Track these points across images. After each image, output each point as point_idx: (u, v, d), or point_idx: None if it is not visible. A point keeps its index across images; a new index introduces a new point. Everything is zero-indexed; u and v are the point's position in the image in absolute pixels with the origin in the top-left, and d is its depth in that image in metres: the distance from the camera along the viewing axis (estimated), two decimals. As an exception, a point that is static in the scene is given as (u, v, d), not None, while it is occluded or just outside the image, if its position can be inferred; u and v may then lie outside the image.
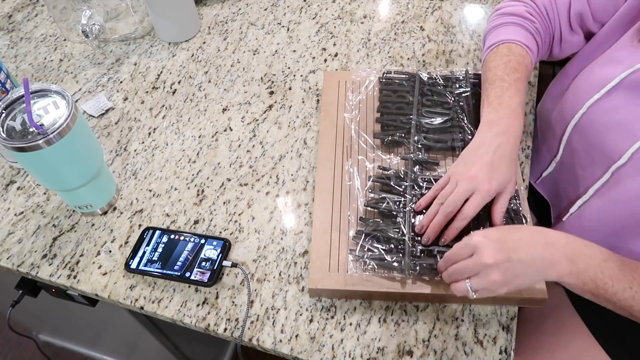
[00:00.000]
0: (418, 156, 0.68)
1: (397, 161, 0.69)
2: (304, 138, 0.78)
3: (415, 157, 0.67)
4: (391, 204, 0.63)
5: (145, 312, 0.62)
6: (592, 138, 0.64)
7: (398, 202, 0.63)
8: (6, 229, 0.70)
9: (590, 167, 0.65)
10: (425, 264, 0.58)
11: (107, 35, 0.93)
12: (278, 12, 0.99)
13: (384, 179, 0.66)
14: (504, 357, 0.57)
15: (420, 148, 0.69)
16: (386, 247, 0.60)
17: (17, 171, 0.76)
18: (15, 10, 1.03)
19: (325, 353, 0.58)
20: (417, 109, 0.72)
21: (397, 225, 0.61)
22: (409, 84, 0.76)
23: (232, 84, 0.86)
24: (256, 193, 0.72)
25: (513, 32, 0.69)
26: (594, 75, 0.65)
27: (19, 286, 0.74)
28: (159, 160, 0.77)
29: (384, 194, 0.65)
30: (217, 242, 0.65)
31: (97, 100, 0.84)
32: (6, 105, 0.58)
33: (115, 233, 0.69)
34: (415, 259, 0.58)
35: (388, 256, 0.59)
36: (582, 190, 0.67)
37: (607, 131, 0.61)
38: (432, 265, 0.58)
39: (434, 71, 0.77)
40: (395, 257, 0.59)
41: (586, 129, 0.65)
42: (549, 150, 0.75)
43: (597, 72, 0.64)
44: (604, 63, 0.65)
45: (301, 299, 0.62)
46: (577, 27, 0.70)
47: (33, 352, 1.44)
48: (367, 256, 0.59)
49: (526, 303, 0.60)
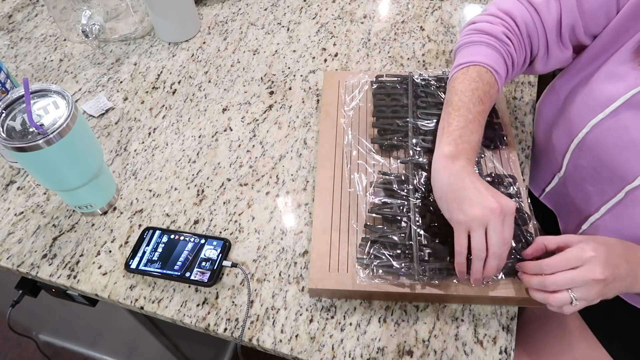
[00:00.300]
0: (418, 159, 0.67)
1: (397, 165, 0.69)
2: (304, 138, 0.78)
3: (415, 160, 0.67)
4: (395, 209, 0.63)
5: (145, 312, 0.62)
6: (601, 157, 0.63)
7: (401, 206, 0.63)
8: (6, 229, 0.70)
9: (600, 184, 0.64)
10: (434, 268, 0.58)
11: (107, 35, 0.93)
12: (278, 12, 0.99)
13: (386, 184, 0.66)
14: (504, 357, 0.57)
15: (419, 151, 0.68)
16: (393, 253, 0.59)
17: (17, 171, 0.76)
18: (15, 10, 1.03)
19: (325, 353, 0.57)
20: (413, 111, 0.72)
21: (402, 230, 0.61)
22: (402, 87, 0.75)
23: (232, 84, 0.86)
24: (256, 193, 0.72)
25: (486, 54, 0.65)
26: (595, 93, 0.63)
27: (19, 286, 0.74)
28: (159, 160, 0.77)
29: (386, 199, 0.64)
30: (217, 242, 0.65)
31: (97, 100, 0.84)
32: (6, 105, 0.58)
33: (115, 233, 0.69)
34: (424, 263, 0.58)
35: (396, 262, 0.58)
36: (593, 207, 0.66)
37: (617, 150, 0.61)
38: (441, 269, 0.58)
39: (425, 72, 0.77)
40: (403, 262, 0.58)
41: (593, 147, 0.64)
42: (549, 165, 0.74)
43: (597, 90, 0.63)
44: (603, 79, 0.63)
45: (301, 299, 0.62)
46: (568, 42, 0.66)
47: (33, 352, 1.44)
48: (374, 264, 0.59)
49: (526, 303, 0.60)
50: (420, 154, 0.68)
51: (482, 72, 0.64)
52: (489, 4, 0.70)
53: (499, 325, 0.59)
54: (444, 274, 0.58)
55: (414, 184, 0.65)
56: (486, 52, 0.65)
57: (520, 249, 0.59)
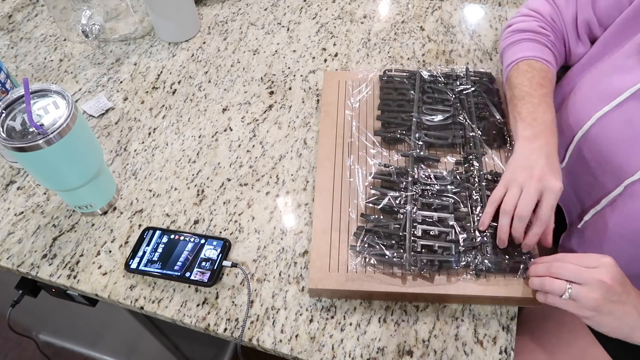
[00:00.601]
0: (419, 153, 0.68)
1: (398, 158, 0.69)
2: (304, 138, 0.78)
3: (416, 154, 0.67)
4: (392, 200, 0.63)
5: (145, 312, 0.62)
6: (604, 150, 0.63)
7: (399, 198, 0.63)
8: (6, 229, 0.70)
9: (602, 176, 0.65)
10: (426, 260, 0.58)
11: (107, 35, 0.93)
12: (278, 12, 0.99)
13: (385, 176, 0.66)
14: (504, 357, 0.57)
15: (421, 145, 0.69)
16: (387, 243, 0.60)
17: (17, 171, 0.76)
18: (15, 10, 1.03)
19: (325, 353, 0.57)
20: (418, 106, 0.73)
21: (398, 222, 0.61)
22: (410, 82, 0.76)
23: (232, 84, 0.86)
24: (256, 193, 0.72)
25: (530, 48, 0.70)
26: (601, 85, 0.64)
27: (19, 286, 0.74)
28: (159, 160, 0.77)
29: (384, 190, 0.65)
30: (217, 242, 0.64)
31: (97, 100, 0.84)
32: (6, 105, 0.58)
33: (115, 233, 0.69)
34: (416, 255, 0.59)
35: (388, 252, 0.59)
36: (594, 198, 0.67)
37: (620, 144, 0.61)
38: (433, 261, 0.58)
39: (434, 69, 0.78)
40: (395, 252, 0.59)
41: (596, 140, 0.64)
42: None
43: (604, 82, 0.64)
44: (610, 72, 0.64)
45: (301, 299, 0.62)
46: (585, 36, 0.70)
47: (33, 352, 1.44)
48: (367, 252, 0.59)
49: (526, 303, 0.60)
50: (422, 148, 0.68)
51: (532, 63, 0.68)
52: (521, 7, 0.77)
53: (499, 325, 0.59)
54: (436, 267, 0.58)
55: (413, 176, 0.65)
56: (529, 46, 0.70)
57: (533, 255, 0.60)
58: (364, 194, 0.66)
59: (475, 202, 0.63)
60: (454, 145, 0.69)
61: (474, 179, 0.66)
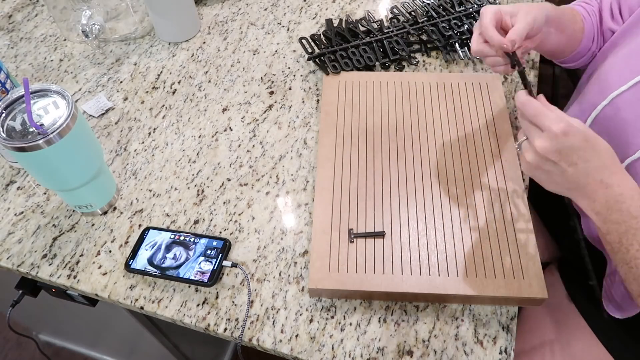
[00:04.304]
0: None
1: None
2: (304, 138, 0.78)
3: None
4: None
5: (145, 312, 0.62)
6: (612, 130, 0.63)
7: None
8: (6, 229, 0.70)
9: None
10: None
11: (107, 35, 0.93)
12: (278, 12, 0.99)
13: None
14: (504, 357, 0.57)
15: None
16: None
17: (17, 171, 0.76)
18: (15, 10, 1.03)
19: (325, 353, 0.58)
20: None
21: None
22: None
23: (232, 84, 0.86)
24: (256, 193, 0.72)
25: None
26: (619, 68, 0.64)
27: (19, 286, 0.74)
28: (159, 160, 0.77)
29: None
30: (217, 242, 0.65)
31: (97, 100, 0.84)
32: (6, 105, 0.58)
33: (115, 233, 0.69)
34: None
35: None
36: None
37: (628, 124, 0.61)
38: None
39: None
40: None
41: (607, 120, 0.64)
42: None
43: (622, 65, 0.64)
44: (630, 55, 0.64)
45: (301, 299, 0.62)
46: (619, 17, 0.71)
47: (33, 352, 1.44)
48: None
49: (526, 303, 0.60)
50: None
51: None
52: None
53: (499, 325, 0.59)
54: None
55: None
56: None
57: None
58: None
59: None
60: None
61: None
